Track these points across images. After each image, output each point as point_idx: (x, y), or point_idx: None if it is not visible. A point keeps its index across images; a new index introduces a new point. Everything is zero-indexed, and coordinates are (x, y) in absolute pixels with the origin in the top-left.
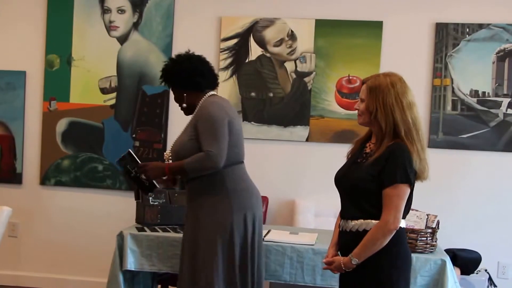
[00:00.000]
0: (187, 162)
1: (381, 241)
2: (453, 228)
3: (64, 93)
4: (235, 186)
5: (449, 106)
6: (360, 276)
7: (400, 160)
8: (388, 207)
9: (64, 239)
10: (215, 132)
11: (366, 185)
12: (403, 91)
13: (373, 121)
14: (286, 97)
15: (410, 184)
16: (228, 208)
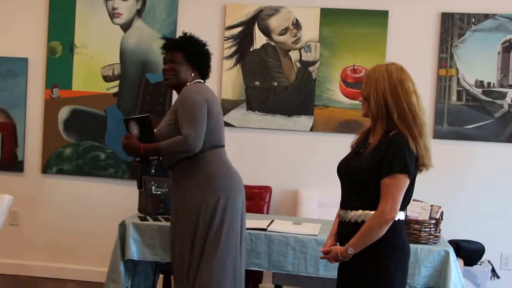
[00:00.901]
0: (163, 144)
1: (377, 231)
2: (457, 219)
3: (66, 81)
4: (212, 170)
5: (454, 96)
6: (357, 267)
7: (400, 150)
8: (386, 197)
9: (65, 228)
10: (193, 116)
11: (365, 174)
12: (400, 79)
13: (369, 109)
14: (291, 87)
15: (409, 175)
16: (202, 191)
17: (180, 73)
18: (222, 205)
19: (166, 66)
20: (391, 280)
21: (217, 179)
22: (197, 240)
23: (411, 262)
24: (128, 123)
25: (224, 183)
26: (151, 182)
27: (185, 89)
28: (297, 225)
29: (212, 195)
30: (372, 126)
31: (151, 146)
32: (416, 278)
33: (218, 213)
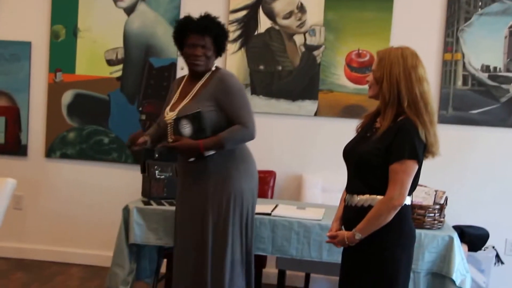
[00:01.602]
0: (225, 137)
1: (385, 216)
2: (461, 205)
3: (69, 65)
4: (243, 158)
5: (460, 81)
6: (363, 252)
7: (409, 136)
8: (394, 183)
9: (69, 212)
10: (246, 104)
11: (373, 159)
12: (414, 65)
13: (379, 92)
14: (295, 71)
15: (418, 161)
16: (238, 179)
17: (210, 59)
18: (254, 195)
19: (198, 51)
20: (397, 265)
21: (249, 165)
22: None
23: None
24: (179, 122)
25: (253, 169)
26: (155, 167)
27: (223, 75)
28: (301, 210)
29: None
30: (382, 110)
31: (210, 142)
32: (420, 263)
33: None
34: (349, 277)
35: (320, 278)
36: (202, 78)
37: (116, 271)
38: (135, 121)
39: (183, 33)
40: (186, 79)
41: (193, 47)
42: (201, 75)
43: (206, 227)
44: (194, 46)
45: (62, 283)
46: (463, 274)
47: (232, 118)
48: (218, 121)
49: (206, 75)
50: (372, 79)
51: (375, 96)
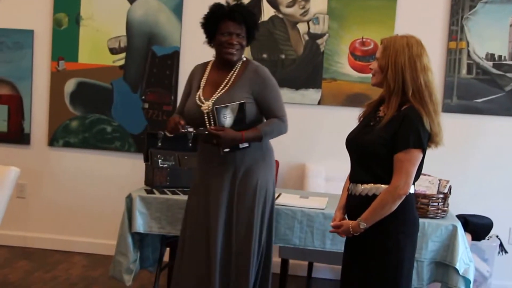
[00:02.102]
0: (265, 130)
1: (390, 205)
2: (465, 194)
3: (72, 53)
4: (268, 146)
5: (464, 69)
6: (367, 241)
7: (414, 125)
8: (399, 172)
9: (72, 201)
10: (281, 98)
11: (377, 148)
12: (419, 54)
13: (384, 80)
14: (298, 59)
15: (422, 150)
16: (264, 171)
17: (243, 49)
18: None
19: (234, 39)
20: (401, 253)
21: (272, 155)
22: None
23: (419, 236)
24: (220, 111)
25: (273, 158)
26: (158, 155)
27: (258, 67)
28: (304, 198)
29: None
30: (387, 99)
31: (251, 134)
32: (423, 252)
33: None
34: (352, 265)
35: (323, 267)
36: (234, 68)
37: (119, 259)
38: (138, 109)
39: (217, 20)
40: (211, 67)
41: (229, 35)
42: (231, 64)
43: (231, 217)
44: (230, 34)
45: (65, 271)
46: (467, 263)
47: (268, 111)
48: (253, 113)
49: (238, 65)
50: (376, 67)
51: (379, 84)
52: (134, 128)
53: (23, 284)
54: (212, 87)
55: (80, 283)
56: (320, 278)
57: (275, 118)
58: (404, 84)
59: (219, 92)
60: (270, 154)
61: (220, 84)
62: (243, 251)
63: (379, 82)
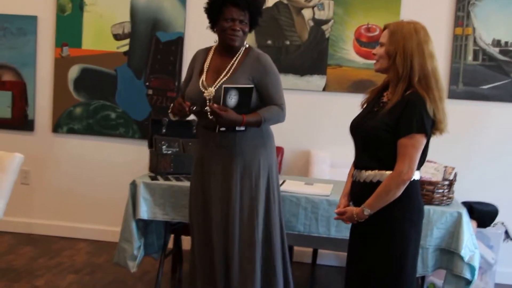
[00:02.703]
0: (265, 116)
1: (394, 191)
2: (471, 181)
3: (76, 39)
4: (268, 133)
5: (470, 56)
6: (372, 228)
7: (418, 110)
8: (403, 157)
9: (76, 187)
10: (280, 85)
11: (381, 134)
12: (426, 40)
13: (391, 66)
14: (303, 46)
15: (426, 134)
16: (266, 158)
17: (246, 35)
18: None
19: (237, 26)
20: (406, 240)
21: (273, 140)
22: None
23: (424, 223)
24: (228, 91)
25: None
26: (162, 142)
27: (260, 55)
28: (309, 185)
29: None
30: (393, 84)
31: (252, 119)
32: (428, 239)
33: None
34: (357, 252)
35: (328, 254)
36: (236, 55)
37: (124, 246)
38: (142, 96)
39: (220, 6)
40: (213, 53)
41: (232, 21)
42: (233, 51)
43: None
44: (233, 20)
45: (69, 258)
46: (472, 250)
47: (268, 99)
48: (253, 100)
49: (240, 52)
50: (383, 52)
51: (383, 70)
52: (138, 115)
53: (28, 271)
54: (214, 73)
55: (84, 269)
56: (325, 265)
57: (274, 106)
58: (411, 70)
59: (221, 79)
60: (271, 139)
61: (222, 70)
62: (247, 238)
63: (384, 68)
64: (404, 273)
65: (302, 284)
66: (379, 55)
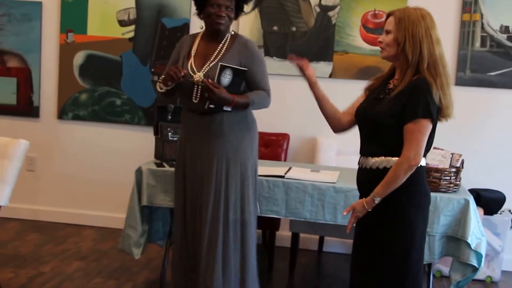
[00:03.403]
0: (253, 99)
1: (402, 177)
2: (478, 168)
3: (81, 25)
4: (255, 127)
5: (478, 42)
6: (378, 214)
7: (423, 95)
8: (409, 143)
9: (82, 174)
10: (266, 72)
11: (387, 120)
12: (432, 26)
13: (399, 53)
14: (309, 32)
15: (432, 119)
16: (251, 143)
17: (231, 21)
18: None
19: (222, 11)
20: (412, 226)
21: (256, 127)
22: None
23: (430, 210)
24: (223, 70)
25: (257, 132)
26: (168, 129)
27: (247, 41)
28: (315, 172)
29: (255, 142)
30: (401, 71)
31: (241, 100)
32: (435, 226)
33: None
34: (364, 239)
35: (334, 241)
36: (222, 41)
37: (129, 233)
38: (147, 82)
39: None
40: (200, 39)
41: (218, 7)
42: (219, 36)
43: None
44: (219, 6)
45: (75, 244)
46: (479, 238)
47: (254, 84)
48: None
49: (227, 38)
50: (390, 40)
51: (391, 57)
52: (144, 101)
53: (34, 257)
54: (201, 59)
55: (90, 256)
56: (331, 252)
57: (262, 91)
58: (420, 56)
59: (209, 64)
60: (255, 125)
61: (209, 56)
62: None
63: (392, 56)
64: (410, 259)
65: (308, 272)
66: (386, 43)
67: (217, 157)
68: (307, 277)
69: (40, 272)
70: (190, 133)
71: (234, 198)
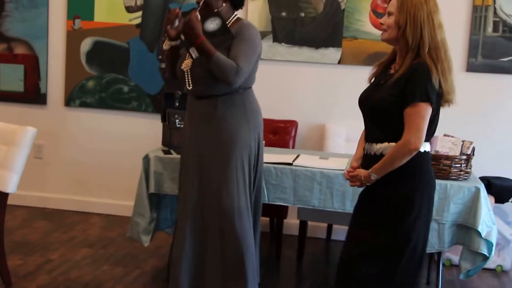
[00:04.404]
0: (217, 55)
1: (400, 160)
2: (489, 155)
3: (88, 11)
4: (252, 107)
5: (490, 27)
6: (382, 200)
7: (422, 79)
8: (409, 127)
9: (89, 161)
10: (250, 55)
11: (388, 105)
12: (435, 10)
13: (400, 36)
14: (318, 17)
15: (431, 103)
16: (248, 131)
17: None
18: (259, 141)
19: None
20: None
21: (257, 116)
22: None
23: (440, 198)
24: (214, 16)
25: (259, 119)
26: (175, 116)
27: (244, 23)
28: (324, 159)
29: (254, 131)
30: (401, 55)
31: (208, 45)
32: (445, 214)
33: (258, 149)
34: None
35: (342, 229)
36: None
37: (137, 220)
38: (155, 69)
39: None
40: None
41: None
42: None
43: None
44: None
45: (83, 232)
46: (489, 226)
47: (231, 57)
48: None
49: (230, 22)
50: (392, 22)
51: (391, 40)
52: (151, 88)
53: (42, 244)
54: None
55: (98, 243)
56: (339, 240)
57: (235, 63)
58: (421, 40)
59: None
60: (255, 115)
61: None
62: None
63: (393, 38)
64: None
65: (316, 260)
66: (387, 25)
67: (211, 143)
68: (315, 265)
69: (48, 259)
70: (190, 117)
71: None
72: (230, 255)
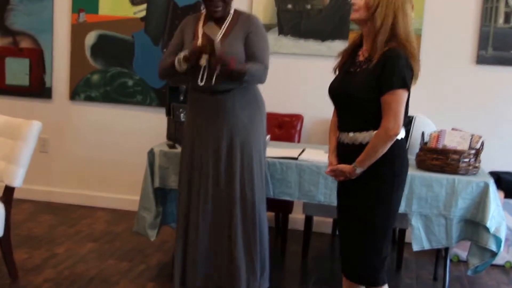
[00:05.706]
0: (249, 69)
1: (382, 148)
2: (499, 150)
3: (93, 5)
4: (260, 98)
5: (501, 18)
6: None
7: (396, 65)
8: (387, 114)
9: (95, 155)
10: (268, 48)
11: (364, 94)
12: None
13: (370, 17)
14: (325, 10)
15: (407, 89)
16: (261, 123)
17: (229, 4)
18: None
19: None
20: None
21: (264, 108)
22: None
23: (448, 193)
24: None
25: (265, 113)
26: (180, 110)
27: (250, 15)
28: None
29: (264, 121)
30: (370, 39)
31: (238, 68)
32: (453, 210)
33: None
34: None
35: None
36: (226, 20)
37: (143, 215)
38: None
39: None
40: (204, 19)
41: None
42: (222, 17)
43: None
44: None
45: (88, 226)
46: (498, 222)
47: (254, 56)
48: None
49: (229, 17)
50: (363, 2)
51: (360, 21)
52: (156, 82)
53: (47, 238)
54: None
55: (103, 238)
56: None
57: (259, 63)
58: (395, 24)
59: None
60: (264, 106)
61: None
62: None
63: (361, 19)
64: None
65: (321, 255)
66: (358, 5)
67: (229, 137)
68: (321, 261)
69: (54, 253)
70: (200, 113)
71: (247, 178)
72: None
